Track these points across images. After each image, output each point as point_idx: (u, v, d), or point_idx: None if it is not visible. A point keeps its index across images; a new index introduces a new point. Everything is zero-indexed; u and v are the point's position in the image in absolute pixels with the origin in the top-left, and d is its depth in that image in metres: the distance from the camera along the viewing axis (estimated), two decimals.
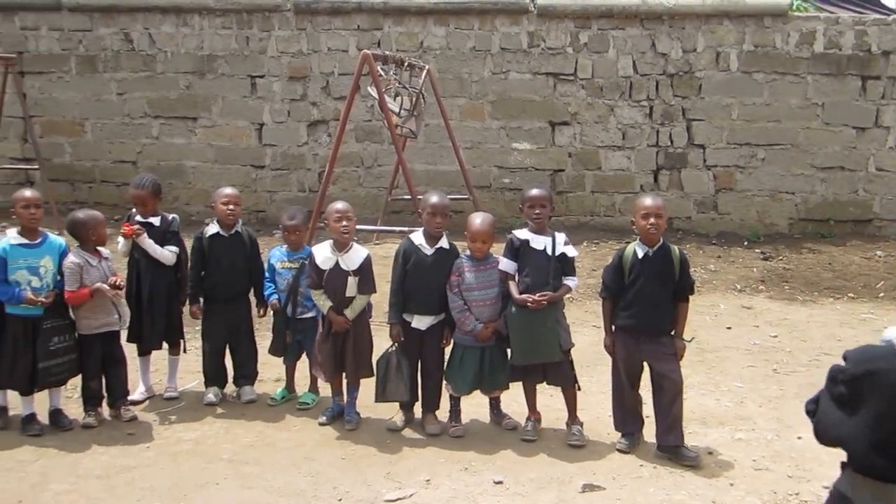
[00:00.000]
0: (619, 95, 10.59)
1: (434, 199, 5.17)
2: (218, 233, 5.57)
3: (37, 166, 10.57)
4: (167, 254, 5.51)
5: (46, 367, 5.02)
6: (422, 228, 5.23)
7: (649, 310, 4.76)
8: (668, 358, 4.79)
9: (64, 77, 11.26)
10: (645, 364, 4.91)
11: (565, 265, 5.01)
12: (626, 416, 4.98)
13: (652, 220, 4.71)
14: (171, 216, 5.68)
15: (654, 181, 10.71)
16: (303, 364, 5.67)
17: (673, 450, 4.76)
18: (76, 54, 11.20)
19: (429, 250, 5.11)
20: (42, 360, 5.00)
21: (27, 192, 5.17)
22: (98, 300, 5.12)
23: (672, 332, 4.82)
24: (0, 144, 10.71)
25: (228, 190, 5.66)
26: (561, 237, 5.04)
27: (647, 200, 4.82)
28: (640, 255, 4.79)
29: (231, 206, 5.54)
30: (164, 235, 5.54)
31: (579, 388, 5.11)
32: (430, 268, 5.08)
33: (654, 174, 10.72)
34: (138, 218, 5.57)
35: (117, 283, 5.16)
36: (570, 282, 5.02)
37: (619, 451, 4.88)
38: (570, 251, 5.03)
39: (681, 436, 4.77)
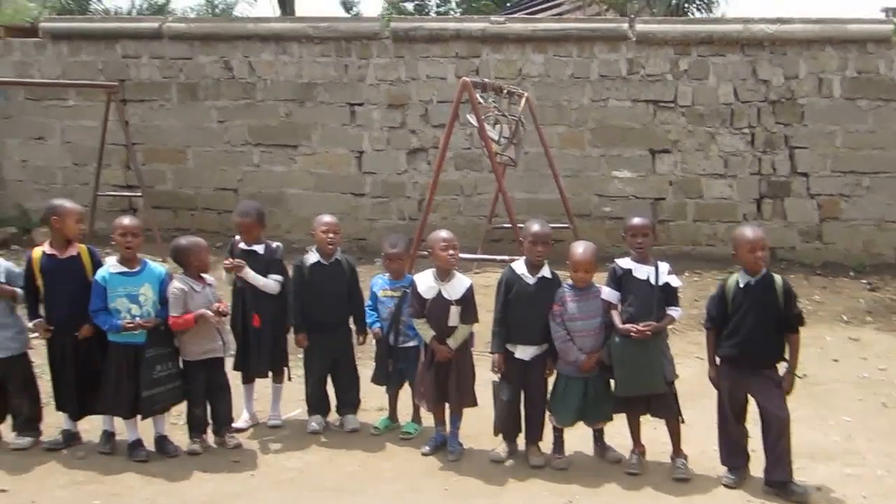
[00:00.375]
0: (720, 123, 10.35)
1: (535, 227, 5.12)
2: (318, 261, 5.55)
3: (139, 193, 10.84)
4: (271, 283, 5.52)
5: (150, 395, 5.08)
6: (523, 257, 5.18)
7: (752, 340, 4.65)
8: (773, 392, 4.68)
9: (165, 105, 11.56)
10: (750, 397, 4.78)
11: (669, 295, 4.93)
12: (732, 449, 4.86)
13: (759, 253, 4.65)
14: (274, 244, 5.69)
15: (756, 210, 10.41)
16: (405, 393, 5.63)
17: (781, 485, 4.62)
18: (177, 82, 11.50)
19: (531, 279, 5.05)
20: (145, 388, 5.06)
21: (125, 220, 5.22)
22: (202, 326, 5.15)
23: (778, 364, 4.70)
24: (104, 172, 10.97)
25: (327, 218, 5.64)
26: (664, 266, 4.95)
27: (750, 233, 4.74)
28: (743, 284, 4.71)
29: (331, 235, 5.53)
30: (268, 264, 5.53)
31: (683, 421, 5.00)
32: (532, 297, 5.02)
33: (757, 203, 10.42)
34: (242, 245, 5.58)
35: (221, 310, 5.20)
36: (673, 312, 4.92)
37: (725, 485, 4.77)
38: (674, 281, 4.96)
39: (789, 471, 4.63)
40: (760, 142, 10.30)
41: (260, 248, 5.56)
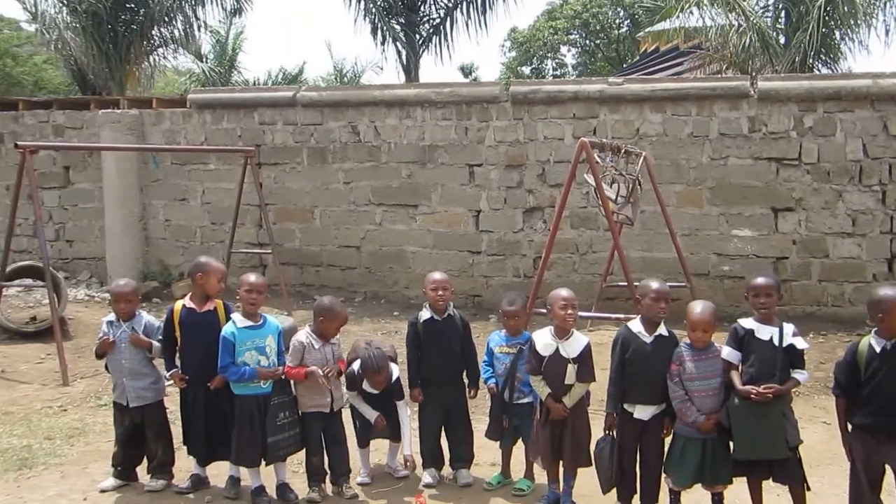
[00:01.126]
0: (847, 180, 10.03)
1: (656, 284, 5.10)
2: (431, 317, 5.67)
3: (269, 251, 11.41)
4: (406, 425, 5.70)
5: (275, 441, 5.28)
6: (639, 316, 5.15)
7: (891, 407, 4.41)
8: None
9: (296, 168, 12.14)
10: (888, 467, 4.53)
11: (794, 357, 4.77)
12: None
13: (880, 315, 4.42)
14: (394, 375, 5.70)
15: (888, 270, 9.96)
16: (518, 449, 5.64)
17: None
18: (307, 146, 12.07)
19: (648, 338, 5.01)
20: (271, 434, 5.27)
21: (252, 278, 5.43)
22: (312, 381, 5.33)
23: None
24: (238, 230, 11.64)
25: (437, 276, 5.73)
26: (789, 328, 4.79)
27: (881, 293, 4.50)
28: (878, 349, 4.48)
29: (440, 292, 5.62)
30: (391, 390, 5.66)
31: (808, 489, 4.79)
32: (650, 356, 4.97)
33: (889, 263, 9.98)
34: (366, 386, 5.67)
35: (328, 373, 5.33)
36: (799, 375, 4.76)
37: None
38: (800, 343, 4.79)
39: None
40: (892, 199, 9.91)
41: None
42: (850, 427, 4.63)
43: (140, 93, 19.41)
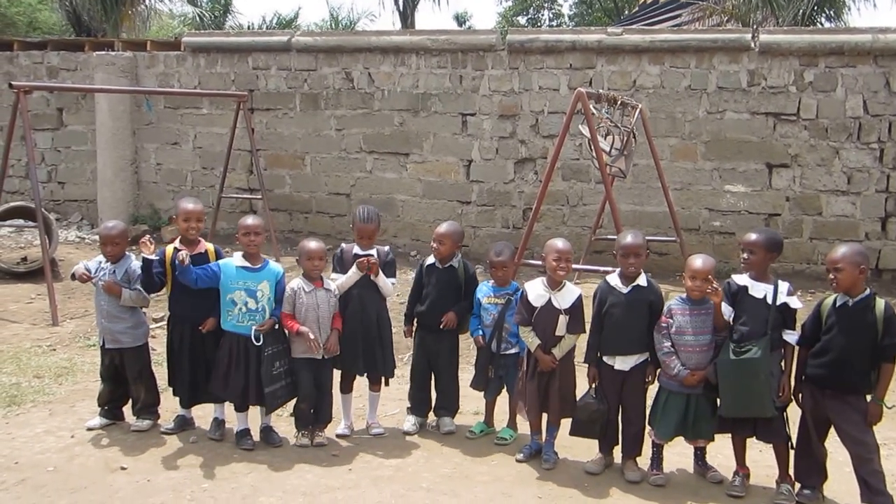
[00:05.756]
0: (845, 137, 9.93)
1: (627, 239, 5.09)
2: (433, 264, 5.72)
3: (260, 197, 11.35)
4: (390, 286, 5.65)
5: (272, 391, 5.31)
6: (618, 269, 5.15)
7: (838, 363, 4.49)
8: (852, 420, 4.51)
9: (289, 114, 12.01)
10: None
11: (786, 317, 4.77)
12: (811, 468, 4.73)
13: (831, 275, 4.54)
14: (385, 248, 5.83)
15: (881, 229, 9.94)
16: (502, 399, 5.67)
17: None
18: (300, 92, 11.93)
19: (624, 289, 5.03)
20: (268, 384, 5.28)
21: (249, 220, 5.45)
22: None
23: (866, 394, 4.50)
24: (229, 175, 11.55)
25: (441, 228, 5.73)
26: (784, 286, 4.80)
27: (831, 253, 4.61)
28: (839, 304, 4.54)
29: (434, 244, 5.70)
30: (382, 267, 5.61)
31: (793, 447, 4.81)
32: (626, 307, 5.00)
33: (882, 222, 9.94)
34: (357, 250, 5.63)
35: (330, 347, 5.38)
36: (789, 336, 4.75)
37: (801, 503, 4.67)
38: (795, 303, 4.79)
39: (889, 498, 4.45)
40: (890, 157, 9.83)
41: (373, 252, 5.65)
42: (803, 377, 4.71)
43: (135, 36, 19.10)
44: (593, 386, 5.10)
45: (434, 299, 5.67)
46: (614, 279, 5.10)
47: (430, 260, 5.76)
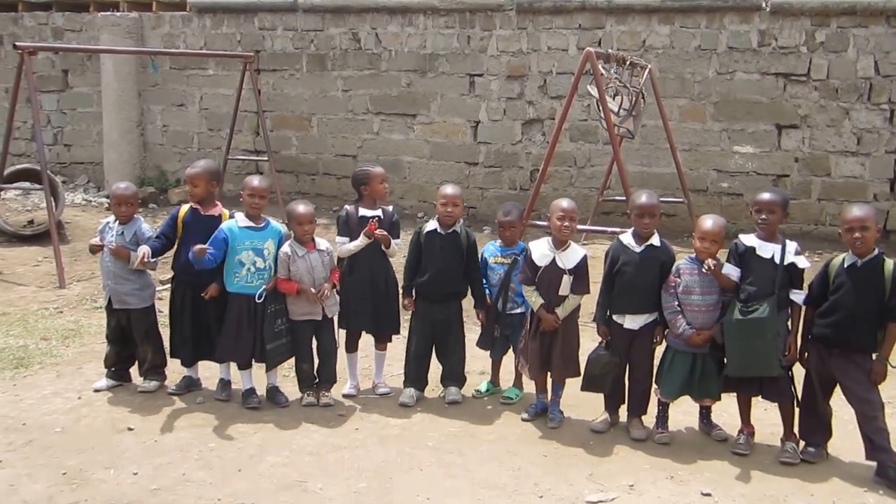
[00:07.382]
0: (856, 98, 9.83)
1: (643, 199, 5.05)
2: (435, 230, 5.49)
3: (266, 158, 11.34)
4: (394, 247, 5.60)
5: (273, 347, 5.33)
6: (632, 229, 5.12)
7: (845, 323, 4.49)
8: (857, 378, 4.52)
9: (295, 74, 11.96)
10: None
11: (794, 276, 4.74)
12: (816, 425, 4.76)
13: (857, 234, 4.46)
14: (390, 208, 5.75)
15: (889, 190, 9.86)
16: (508, 358, 5.68)
17: (883, 471, 4.49)
18: (307, 53, 11.86)
19: (638, 248, 5.01)
20: (269, 342, 5.31)
21: (255, 182, 5.42)
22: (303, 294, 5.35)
23: (872, 353, 4.51)
24: (235, 136, 11.52)
25: (448, 190, 5.49)
26: (792, 246, 4.75)
27: (854, 211, 4.54)
28: (847, 264, 4.53)
29: (449, 208, 5.42)
30: (388, 228, 5.54)
31: (798, 405, 4.82)
32: (639, 265, 4.98)
33: (891, 183, 9.86)
34: (364, 212, 5.53)
35: (320, 294, 5.32)
36: (796, 296, 4.72)
37: (804, 460, 4.70)
38: (802, 262, 4.74)
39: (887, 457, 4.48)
40: None
41: (379, 213, 5.56)
42: (809, 336, 4.71)
43: None
44: (604, 342, 5.10)
45: (440, 267, 5.45)
46: (627, 238, 5.08)
47: (431, 226, 5.51)
